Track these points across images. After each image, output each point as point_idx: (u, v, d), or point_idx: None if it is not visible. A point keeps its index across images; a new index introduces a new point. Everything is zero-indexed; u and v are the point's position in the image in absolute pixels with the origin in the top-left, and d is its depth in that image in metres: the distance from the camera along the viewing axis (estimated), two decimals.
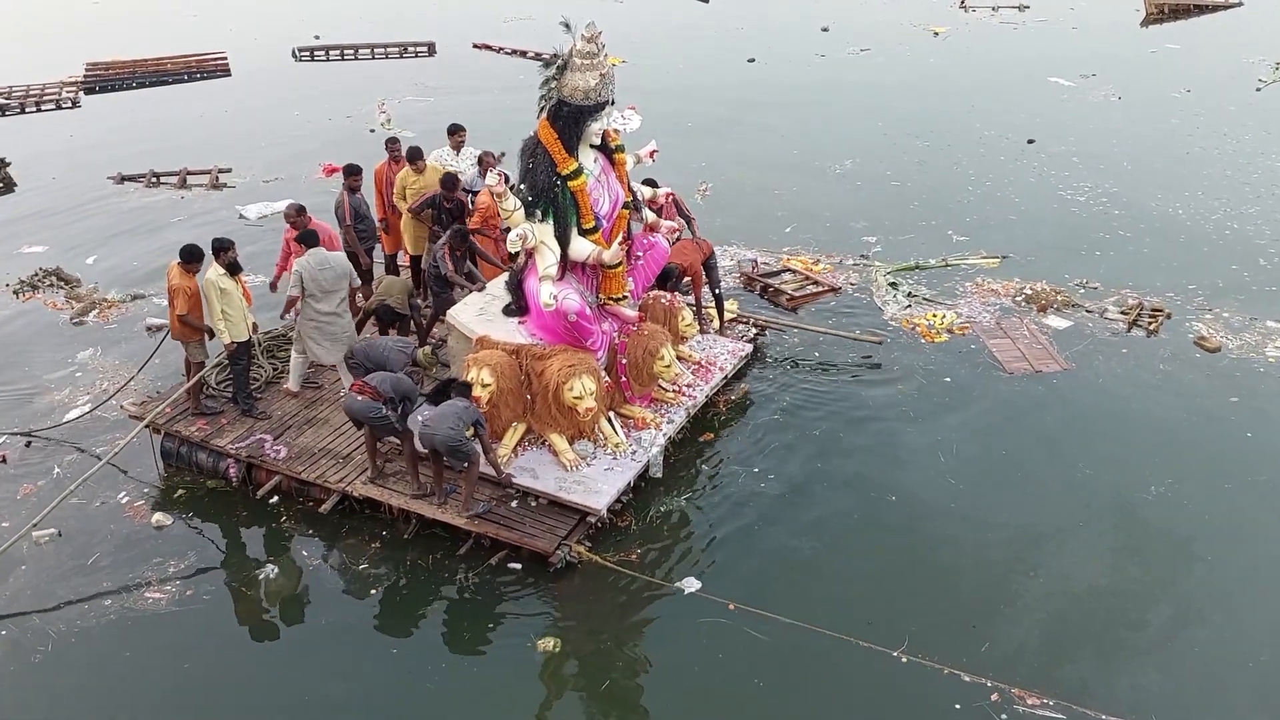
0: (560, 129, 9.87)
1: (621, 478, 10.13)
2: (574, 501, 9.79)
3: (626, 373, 10.71)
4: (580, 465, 10.17)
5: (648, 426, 10.76)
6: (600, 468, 10.21)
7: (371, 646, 8.95)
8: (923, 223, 16.83)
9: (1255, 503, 10.39)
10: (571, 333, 10.17)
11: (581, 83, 9.71)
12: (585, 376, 9.93)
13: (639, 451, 10.47)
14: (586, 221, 10.11)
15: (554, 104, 9.89)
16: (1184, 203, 17.34)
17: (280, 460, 10.49)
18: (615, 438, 10.50)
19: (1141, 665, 8.57)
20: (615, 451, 10.40)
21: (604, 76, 9.76)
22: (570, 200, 9.99)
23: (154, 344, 12.14)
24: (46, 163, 20.09)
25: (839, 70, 25.93)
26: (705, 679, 8.52)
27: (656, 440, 10.63)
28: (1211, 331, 13.22)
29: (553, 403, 10.10)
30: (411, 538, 9.92)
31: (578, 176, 9.96)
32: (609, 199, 10.35)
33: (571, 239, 10.06)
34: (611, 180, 10.41)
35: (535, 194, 9.97)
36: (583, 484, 9.97)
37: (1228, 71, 24.75)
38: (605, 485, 9.97)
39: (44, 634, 8.98)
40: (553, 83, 9.88)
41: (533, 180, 9.98)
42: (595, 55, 9.69)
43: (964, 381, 12.37)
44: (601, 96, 9.84)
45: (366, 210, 12.50)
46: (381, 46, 28.08)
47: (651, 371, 10.70)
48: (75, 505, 10.25)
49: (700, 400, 11.37)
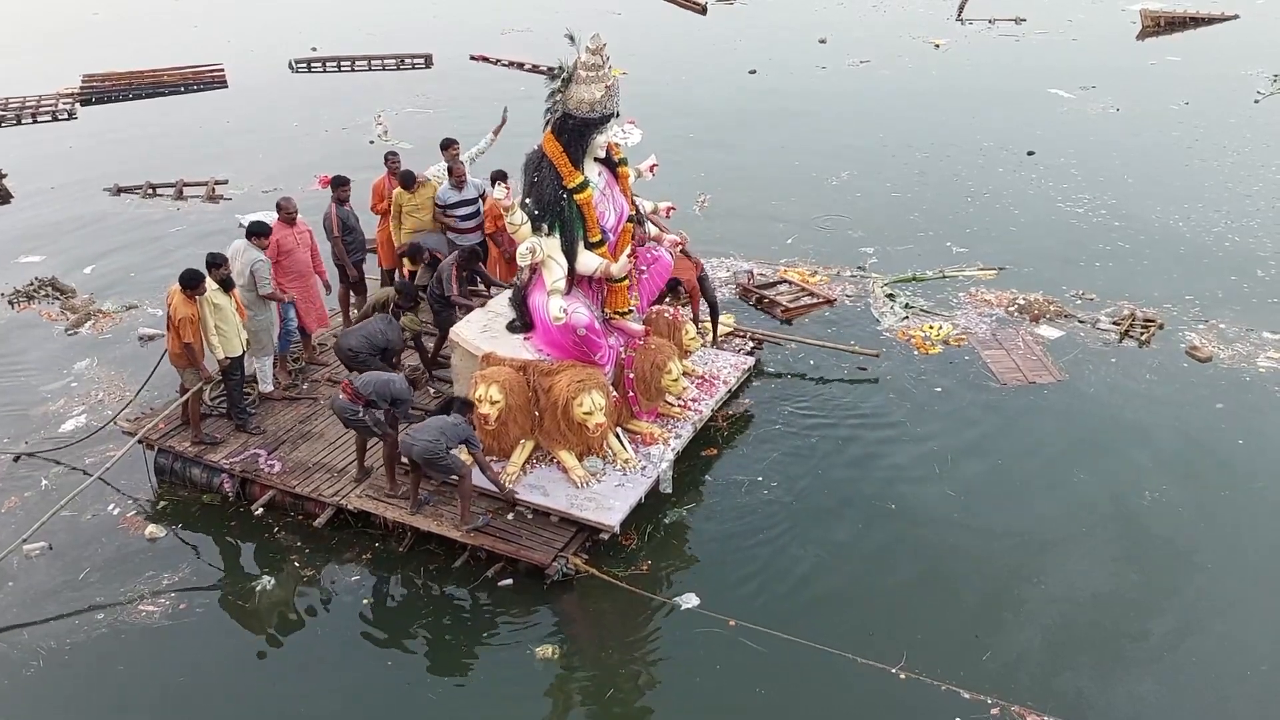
0: (566, 142, 9.79)
1: (633, 494, 10.03)
2: (587, 519, 9.70)
3: (634, 388, 10.62)
4: (591, 482, 10.07)
5: (656, 442, 10.67)
6: (611, 484, 10.11)
7: (366, 659, 8.87)
8: (922, 234, 16.80)
9: (1253, 510, 10.40)
10: (580, 347, 10.07)
11: (587, 95, 9.62)
12: (595, 392, 9.84)
13: (648, 467, 10.38)
14: (593, 235, 10.03)
15: (559, 117, 9.81)
16: (1184, 215, 17.30)
17: (275, 475, 10.41)
18: (624, 453, 10.41)
19: (1142, 676, 8.52)
20: (625, 467, 10.30)
21: (609, 89, 9.68)
22: (576, 213, 9.91)
23: (147, 353, 12.08)
24: (43, 174, 20.03)
25: (841, 82, 25.92)
26: (703, 694, 8.43)
27: (665, 455, 10.54)
28: (1204, 342, 13.21)
29: (562, 419, 10.01)
30: (406, 551, 9.84)
31: (584, 190, 9.87)
32: (614, 212, 10.27)
33: (578, 252, 9.98)
34: (616, 193, 10.32)
35: (541, 208, 9.87)
36: (594, 500, 9.87)
37: (1227, 84, 24.74)
38: (617, 501, 9.88)
39: (34, 648, 8.90)
40: (558, 95, 9.80)
41: (539, 194, 9.87)
42: (600, 67, 9.61)
43: (958, 393, 12.35)
44: (607, 109, 9.76)
45: (355, 222, 12.44)
46: (378, 58, 28.06)
47: (659, 386, 10.61)
48: (66, 518, 10.18)
49: (706, 414, 11.30)
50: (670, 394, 10.90)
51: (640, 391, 10.66)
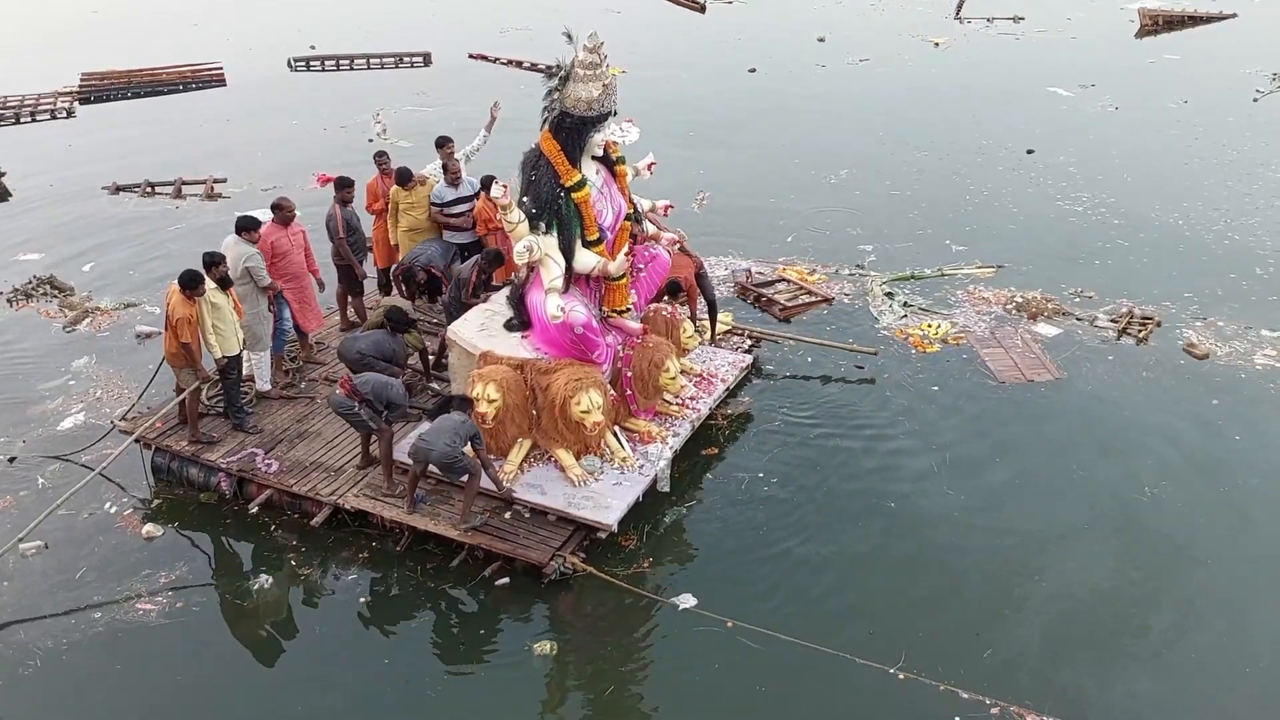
0: (563, 140, 9.77)
1: (630, 493, 10.00)
2: (584, 518, 9.67)
3: (632, 386, 10.60)
4: (588, 481, 10.05)
5: (653, 440, 10.65)
6: (608, 483, 10.08)
7: (364, 657, 8.84)
8: (921, 232, 16.79)
9: (1251, 506, 10.43)
10: (577, 346, 10.05)
11: (584, 93, 9.59)
12: (592, 390, 9.82)
13: (646, 466, 10.36)
14: (590, 233, 10.01)
15: (557, 115, 9.79)
16: (1183, 213, 17.30)
17: (272, 474, 10.39)
18: (622, 452, 10.38)
19: (1142, 672, 8.52)
20: (623, 466, 10.28)
21: (606, 87, 9.65)
22: (574, 212, 9.89)
23: (144, 351, 12.05)
24: (42, 172, 20.01)
25: (841, 80, 25.91)
26: (701, 693, 8.41)
27: (663, 454, 10.51)
28: (1201, 339, 13.22)
29: (559, 417, 9.98)
30: (404, 550, 9.82)
31: (581, 188, 9.85)
32: (612, 210, 10.26)
33: (576, 251, 9.96)
34: (613, 191, 10.31)
35: (539, 206, 9.86)
36: (592, 499, 9.84)
37: (1226, 82, 24.73)
38: (615, 500, 9.85)
39: (31, 648, 8.85)
40: (555, 94, 9.77)
41: (536, 192, 9.86)
42: (598, 66, 9.58)
43: (956, 391, 12.34)
44: (604, 107, 9.73)
45: (358, 222, 12.43)
46: (377, 57, 28.05)
47: (657, 384, 10.60)
48: (62, 517, 10.14)
49: (704, 413, 11.28)
50: (668, 392, 10.89)
51: (638, 390, 10.65)
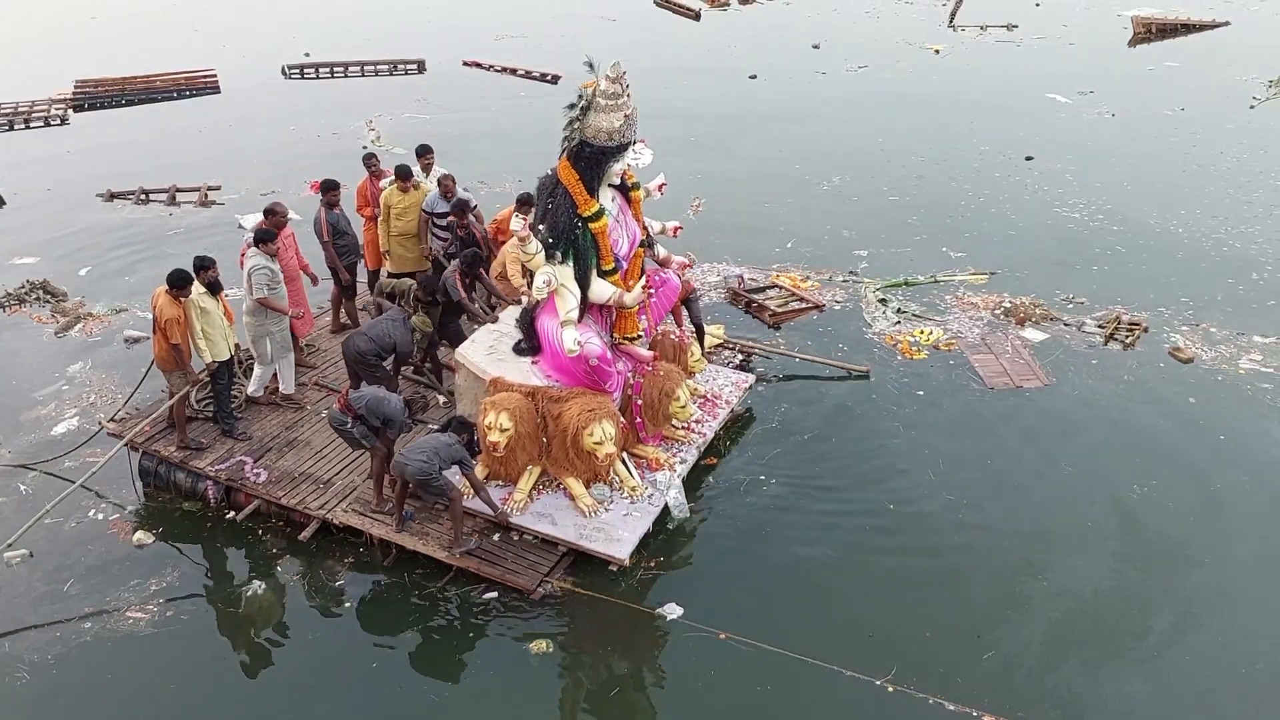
0: (582, 170, 9.52)
1: (641, 523, 9.83)
2: (596, 550, 9.52)
3: (641, 413, 10.45)
4: (598, 510, 9.91)
5: (661, 467, 10.49)
6: (618, 513, 9.92)
7: (356, 662, 8.80)
8: (918, 238, 16.73)
9: (1241, 504, 10.53)
10: (590, 376, 9.86)
11: (605, 124, 9.34)
12: (605, 421, 9.66)
13: (655, 494, 10.21)
14: (606, 263, 9.79)
15: (576, 144, 9.54)
16: (1181, 220, 17.25)
17: (260, 484, 10.28)
18: (631, 480, 10.21)
19: (1138, 674, 8.55)
20: (632, 495, 10.14)
21: (628, 118, 9.40)
22: (590, 242, 9.66)
23: (134, 356, 11.96)
24: (35, 180, 19.91)
25: (839, 87, 25.85)
26: (693, 700, 8.39)
27: (673, 482, 10.35)
28: (1188, 344, 13.26)
29: (570, 447, 9.83)
30: (391, 565, 9.75)
31: (599, 218, 9.60)
32: (627, 239, 10.04)
33: (591, 281, 9.77)
34: (629, 219, 10.09)
35: (555, 235, 9.59)
36: (603, 531, 9.68)
37: (1222, 89, 24.71)
38: (625, 533, 9.68)
39: (19, 659, 8.78)
40: (576, 123, 9.49)
41: (553, 221, 9.62)
42: (619, 95, 9.35)
43: (945, 396, 12.35)
44: (625, 138, 9.48)
45: (346, 225, 12.31)
46: (371, 64, 27.93)
47: (667, 412, 10.43)
48: (47, 525, 10.06)
49: (709, 437, 11.11)
50: (677, 420, 10.70)
51: (647, 417, 10.48)
